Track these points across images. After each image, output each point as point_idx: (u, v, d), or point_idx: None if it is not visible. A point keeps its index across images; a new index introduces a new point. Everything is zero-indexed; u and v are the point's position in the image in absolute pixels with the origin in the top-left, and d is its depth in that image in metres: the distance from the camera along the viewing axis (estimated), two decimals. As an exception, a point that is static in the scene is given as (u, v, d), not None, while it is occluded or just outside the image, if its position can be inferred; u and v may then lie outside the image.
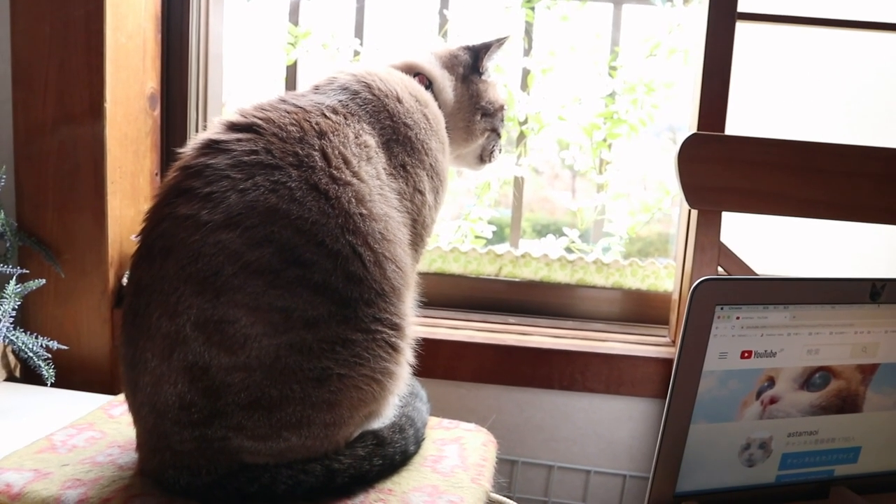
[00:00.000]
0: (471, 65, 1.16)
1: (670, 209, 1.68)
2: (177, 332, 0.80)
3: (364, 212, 0.87)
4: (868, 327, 1.03)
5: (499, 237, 1.71)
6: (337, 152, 0.88)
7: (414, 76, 1.10)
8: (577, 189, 1.79)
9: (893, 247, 1.43)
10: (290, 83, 1.68)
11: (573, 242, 1.67)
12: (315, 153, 0.87)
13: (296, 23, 1.67)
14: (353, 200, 0.86)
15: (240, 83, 1.71)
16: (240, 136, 0.87)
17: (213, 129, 0.90)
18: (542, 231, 1.76)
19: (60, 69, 1.34)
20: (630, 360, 1.36)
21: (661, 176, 1.73)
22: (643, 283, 1.54)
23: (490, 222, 1.69)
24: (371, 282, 0.86)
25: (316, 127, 0.89)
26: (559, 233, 1.70)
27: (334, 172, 0.86)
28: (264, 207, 0.81)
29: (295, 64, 1.67)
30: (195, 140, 0.89)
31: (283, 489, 0.84)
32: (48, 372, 1.24)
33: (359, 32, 1.68)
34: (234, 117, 0.90)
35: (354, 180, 0.88)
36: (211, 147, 0.86)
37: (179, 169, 0.87)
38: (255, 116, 0.89)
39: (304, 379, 0.81)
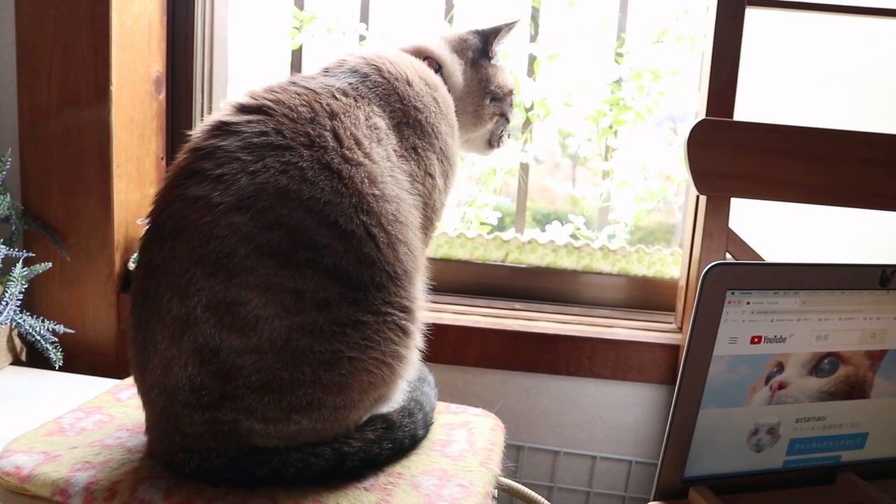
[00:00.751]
0: (480, 49, 1.16)
1: (674, 197, 1.68)
2: (188, 315, 0.79)
3: (377, 192, 0.87)
4: (877, 313, 1.03)
5: (500, 226, 1.70)
6: (349, 133, 0.88)
7: (423, 59, 1.09)
8: (577, 178, 1.79)
9: (901, 233, 1.43)
10: (296, 68, 1.67)
11: (578, 229, 1.67)
12: (327, 133, 0.86)
13: (301, 7, 1.66)
14: (366, 181, 0.86)
15: (245, 67, 1.70)
16: (250, 117, 0.87)
17: (222, 110, 0.90)
18: (542, 220, 1.75)
19: (65, 52, 1.33)
20: (636, 346, 1.36)
21: (662, 165, 1.72)
22: (649, 269, 1.54)
23: (495, 209, 1.69)
24: (383, 264, 0.86)
25: (327, 108, 0.89)
26: (560, 222, 1.69)
27: (346, 153, 0.86)
28: (275, 189, 0.81)
29: (300, 48, 1.66)
30: (205, 122, 0.89)
31: (293, 472, 0.84)
32: (56, 355, 1.24)
33: (364, 17, 1.67)
34: (244, 99, 0.90)
35: (366, 161, 0.87)
36: (221, 129, 0.86)
37: (189, 151, 0.86)
38: (265, 98, 0.89)
39: (315, 361, 0.81)
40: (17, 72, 1.35)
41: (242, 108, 0.88)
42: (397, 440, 0.93)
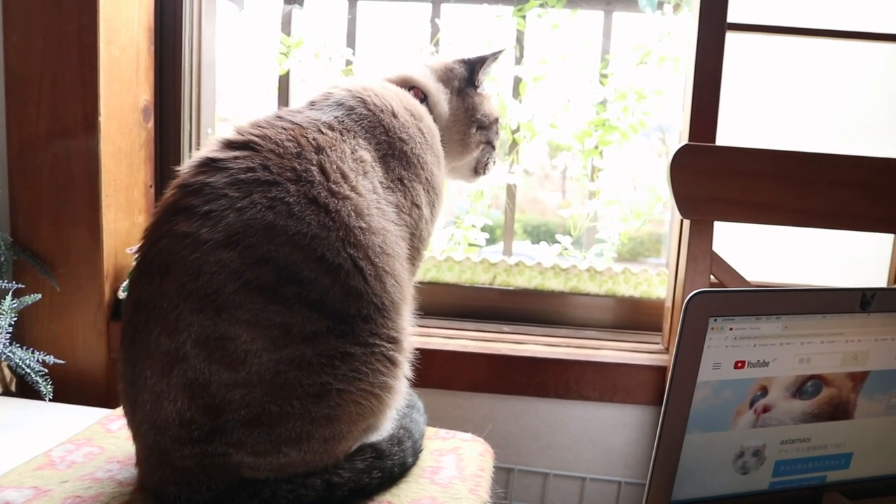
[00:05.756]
0: (466, 78, 1.17)
1: (661, 214, 1.70)
2: (177, 350, 0.80)
3: (364, 225, 0.88)
4: (858, 336, 1.05)
5: (490, 239, 1.72)
6: (335, 167, 0.89)
7: (409, 89, 1.10)
8: (567, 190, 1.81)
9: (882, 255, 1.44)
10: (283, 93, 1.68)
11: (566, 249, 1.68)
12: (313, 168, 0.87)
13: (288, 33, 1.68)
14: (353, 214, 0.87)
15: (233, 94, 1.71)
16: (237, 153, 0.88)
17: (209, 146, 0.91)
18: (532, 232, 1.77)
19: (54, 83, 1.34)
20: (624, 368, 1.37)
21: (652, 179, 1.74)
22: (636, 290, 1.55)
23: (483, 229, 1.70)
24: (371, 296, 0.87)
25: (313, 142, 0.90)
26: (550, 234, 1.71)
27: (333, 186, 0.87)
28: (262, 225, 0.82)
29: (287, 74, 1.67)
30: (192, 158, 0.90)
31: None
32: (46, 388, 1.23)
33: (351, 42, 1.69)
34: (231, 135, 0.91)
35: (353, 194, 0.89)
36: (208, 165, 0.87)
37: (177, 187, 0.87)
38: (251, 134, 0.90)
39: (303, 394, 0.82)
40: (6, 103, 1.36)
41: (229, 144, 0.89)
42: (387, 469, 0.94)
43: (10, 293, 1.27)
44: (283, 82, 1.68)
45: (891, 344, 1.06)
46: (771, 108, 1.53)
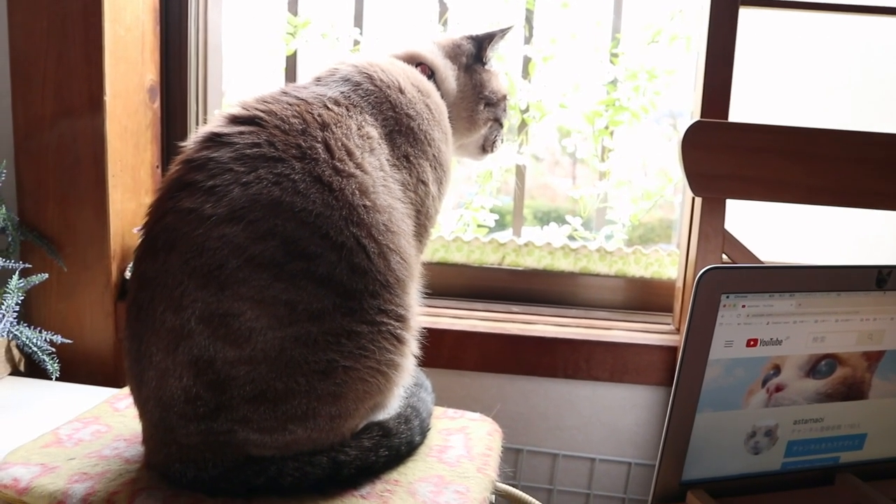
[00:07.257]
0: (474, 54, 1.16)
1: (672, 196, 1.68)
2: (182, 326, 0.80)
3: (368, 203, 0.86)
4: (874, 314, 1.03)
5: (500, 225, 1.70)
6: (340, 144, 0.88)
7: (416, 66, 1.09)
8: (577, 175, 1.79)
9: (898, 233, 1.43)
10: (290, 73, 1.67)
11: (576, 230, 1.67)
12: (318, 145, 0.86)
13: (295, 12, 1.66)
14: (357, 192, 0.86)
15: (239, 74, 1.70)
16: (242, 128, 0.86)
17: (215, 122, 0.90)
18: (542, 218, 1.75)
19: (59, 62, 1.33)
20: (634, 349, 1.36)
21: (662, 162, 1.72)
22: (646, 270, 1.54)
23: (492, 210, 1.69)
24: (376, 273, 0.86)
25: (318, 119, 0.89)
26: (560, 220, 1.69)
27: (337, 164, 0.86)
28: (268, 200, 0.81)
29: (295, 54, 1.66)
30: (197, 133, 0.89)
31: (289, 481, 0.84)
32: (53, 366, 1.24)
33: (358, 21, 1.67)
34: (236, 110, 0.90)
35: (358, 172, 0.87)
36: (213, 140, 0.86)
37: (182, 162, 0.86)
38: (257, 109, 0.89)
39: (309, 371, 0.81)
40: (11, 83, 1.35)
41: (234, 119, 0.88)
42: (394, 447, 0.93)
43: (18, 273, 1.27)
44: (291, 63, 1.67)
45: (906, 323, 1.05)
46: (784, 84, 1.51)
